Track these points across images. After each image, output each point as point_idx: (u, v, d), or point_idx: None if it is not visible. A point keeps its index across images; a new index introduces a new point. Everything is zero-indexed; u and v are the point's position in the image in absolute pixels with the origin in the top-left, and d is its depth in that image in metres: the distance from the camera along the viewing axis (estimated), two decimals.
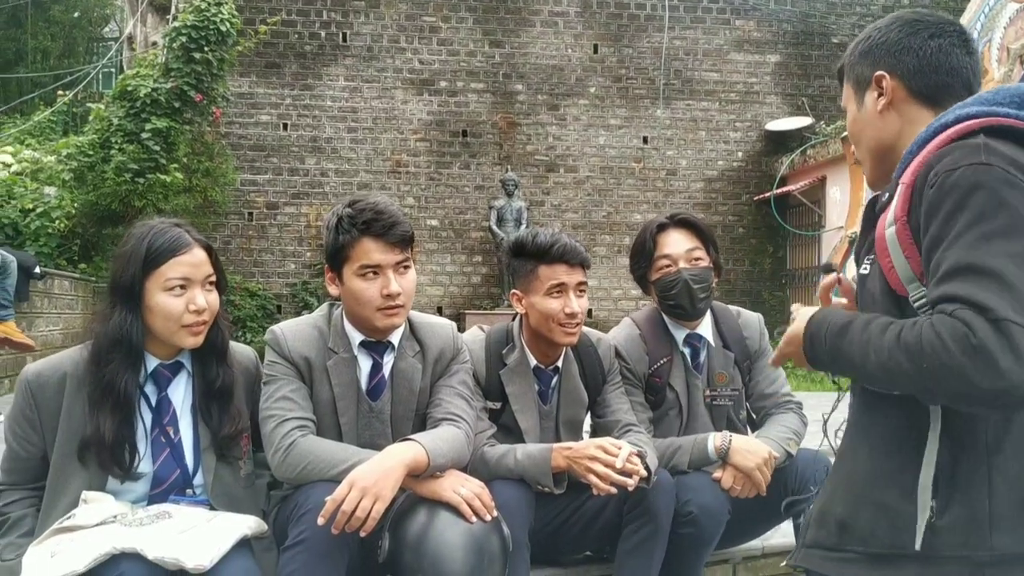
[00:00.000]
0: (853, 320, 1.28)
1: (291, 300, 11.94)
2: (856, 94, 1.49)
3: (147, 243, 1.98)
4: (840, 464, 1.42)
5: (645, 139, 12.94)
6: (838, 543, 1.33)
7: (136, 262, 1.97)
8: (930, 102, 1.41)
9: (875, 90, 1.44)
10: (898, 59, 1.42)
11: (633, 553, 2.30)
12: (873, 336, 1.23)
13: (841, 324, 1.29)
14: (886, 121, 1.43)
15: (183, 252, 1.99)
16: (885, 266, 1.30)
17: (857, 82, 1.48)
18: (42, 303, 7.60)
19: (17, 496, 2.03)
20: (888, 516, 1.27)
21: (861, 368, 1.25)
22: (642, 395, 2.61)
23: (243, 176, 11.77)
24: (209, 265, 2.04)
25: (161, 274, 1.97)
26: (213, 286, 2.06)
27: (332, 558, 1.93)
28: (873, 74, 1.43)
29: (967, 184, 1.19)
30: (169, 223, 2.06)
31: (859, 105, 1.48)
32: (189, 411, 2.08)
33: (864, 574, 1.29)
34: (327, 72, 12.19)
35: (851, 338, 1.26)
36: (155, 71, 10.03)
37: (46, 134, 12.67)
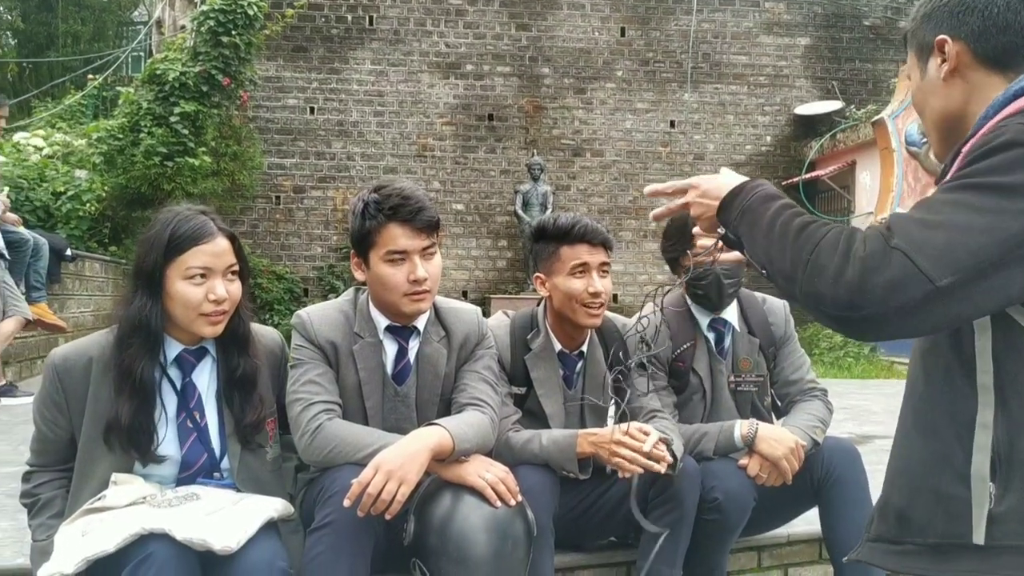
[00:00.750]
0: (786, 198, 1.31)
1: (318, 283, 12.02)
2: (919, 61, 1.38)
3: (170, 230, 1.98)
4: (895, 452, 1.35)
5: (672, 123, 12.85)
6: (898, 535, 1.28)
7: (158, 248, 1.97)
8: (998, 66, 1.29)
9: (938, 56, 1.33)
10: (961, 20, 1.30)
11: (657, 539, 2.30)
12: (788, 215, 1.25)
13: (774, 193, 1.33)
14: (951, 89, 1.32)
15: (205, 241, 1.98)
16: None
17: (920, 48, 1.37)
18: (73, 285, 7.70)
19: (47, 478, 2.06)
20: (942, 504, 1.22)
21: (756, 241, 1.28)
22: (666, 380, 2.60)
23: (270, 160, 11.84)
24: (232, 255, 2.03)
25: (182, 262, 1.96)
26: (236, 276, 2.05)
27: (358, 540, 1.94)
28: (935, 39, 1.32)
29: (1005, 140, 1.13)
30: (195, 210, 2.05)
31: (922, 73, 1.37)
32: (214, 396, 2.10)
33: (925, 567, 1.24)
34: (354, 56, 12.20)
35: (771, 207, 1.28)
36: (183, 55, 10.09)
37: (76, 118, 12.79)
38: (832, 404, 2.68)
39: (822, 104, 12.75)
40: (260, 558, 1.82)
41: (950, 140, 1.34)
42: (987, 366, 1.18)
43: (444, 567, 1.94)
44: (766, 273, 1.26)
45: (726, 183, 1.42)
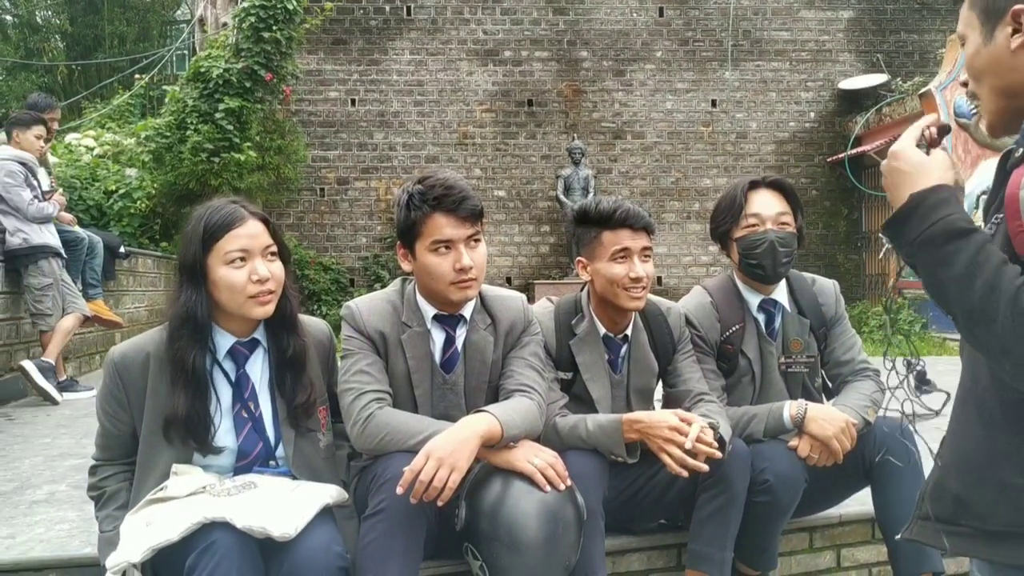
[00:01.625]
0: (975, 232, 1.16)
1: (363, 273, 12.14)
2: (984, 24, 1.30)
3: (204, 221, 2.04)
4: (953, 438, 1.33)
5: (713, 102, 12.70)
6: (953, 517, 1.28)
7: (196, 241, 2.03)
8: None
9: (1010, 24, 1.25)
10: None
11: (708, 521, 2.30)
12: (987, 267, 1.12)
13: (961, 228, 1.16)
14: (1019, 61, 1.25)
15: (238, 225, 2.03)
16: (1013, 229, 1.18)
17: (987, 11, 1.29)
18: (127, 281, 7.88)
19: (111, 471, 2.13)
20: (1009, 496, 1.21)
21: (947, 286, 1.16)
22: (714, 363, 2.59)
23: (314, 152, 11.97)
24: (267, 236, 2.08)
25: (220, 248, 2.02)
26: (275, 256, 2.09)
27: (411, 526, 1.98)
28: (1012, 6, 1.24)
29: None
30: (225, 201, 2.11)
31: (987, 38, 1.29)
32: (267, 386, 2.15)
33: (980, 550, 1.25)
34: (392, 46, 12.26)
35: (962, 248, 1.15)
36: (226, 52, 10.23)
37: (125, 117, 13.05)
38: (884, 383, 2.65)
39: (867, 78, 12.50)
40: (317, 543, 1.87)
41: (1006, 112, 1.31)
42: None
43: (496, 552, 1.97)
44: (954, 319, 1.19)
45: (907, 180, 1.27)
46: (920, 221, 1.21)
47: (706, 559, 2.31)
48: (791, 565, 2.78)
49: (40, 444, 4.12)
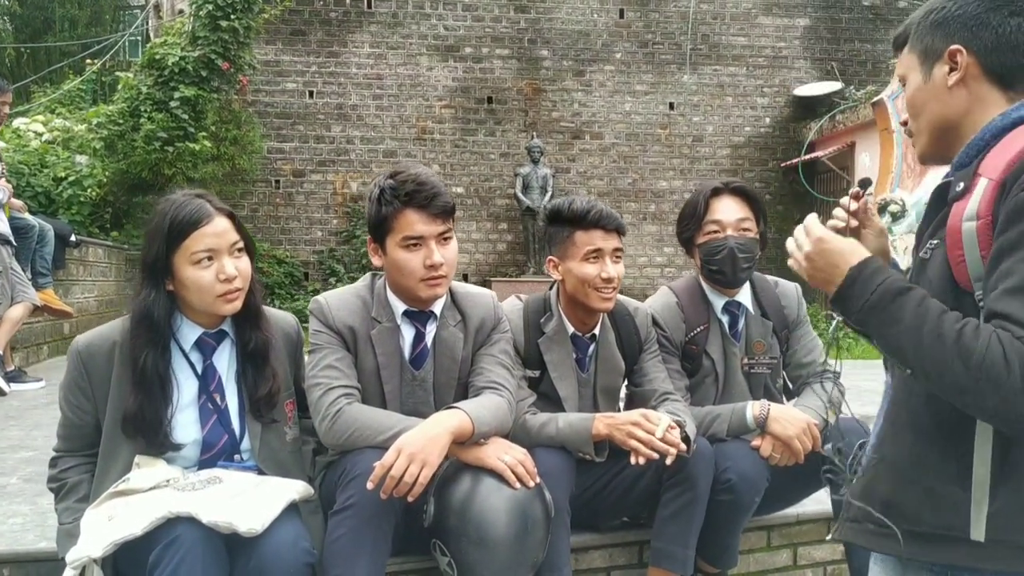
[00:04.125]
0: (911, 289, 1.26)
1: (318, 268, 12.02)
2: (923, 65, 1.42)
3: (169, 218, 1.99)
4: (882, 445, 1.40)
5: (671, 105, 12.82)
6: (882, 519, 1.34)
7: (160, 239, 1.99)
8: (1002, 83, 1.35)
9: (947, 64, 1.37)
10: (975, 34, 1.35)
11: (672, 519, 2.33)
12: (929, 318, 1.21)
13: (898, 288, 1.26)
14: (954, 97, 1.38)
15: (205, 223, 1.99)
16: (954, 259, 1.28)
17: (925, 52, 1.41)
18: (77, 271, 7.71)
19: (73, 462, 2.09)
20: (934, 500, 1.28)
21: (898, 342, 1.24)
22: (679, 363, 2.62)
23: (270, 144, 11.81)
24: (234, 232, 2.04)
25: (187, 248, 1.98)
26: (242, 252, 2.06)
27: (380, 522, 1.98)
28: (947, 48, 1.37)
29: None
30: (190, 195, 2.06)
31: (925, 77, 1.41)
32: (234, 378, 2.12)
33: (909, 551, 1.32)
34: (352, 39, 12.16)
35: (903, 306, 1.23)
36: (182, 39, 10.05)
37: (76, 103, 12.75)
38: (844, 386, 2.70)
39: (821, 85, 12.73)
40: (284, 539, 1.86)
41: (939, 143, 1.43)
42: None
43: (464, 548, 1.98)
44: (911, 372, 1.26)
45: (842, 259, 1.36)
46: (862, 290, 1.30)
47: (669, 556, 2.34)
48: (749, 563, 2.82)
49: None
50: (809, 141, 12.42)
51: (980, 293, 1.25)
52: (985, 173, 1.26)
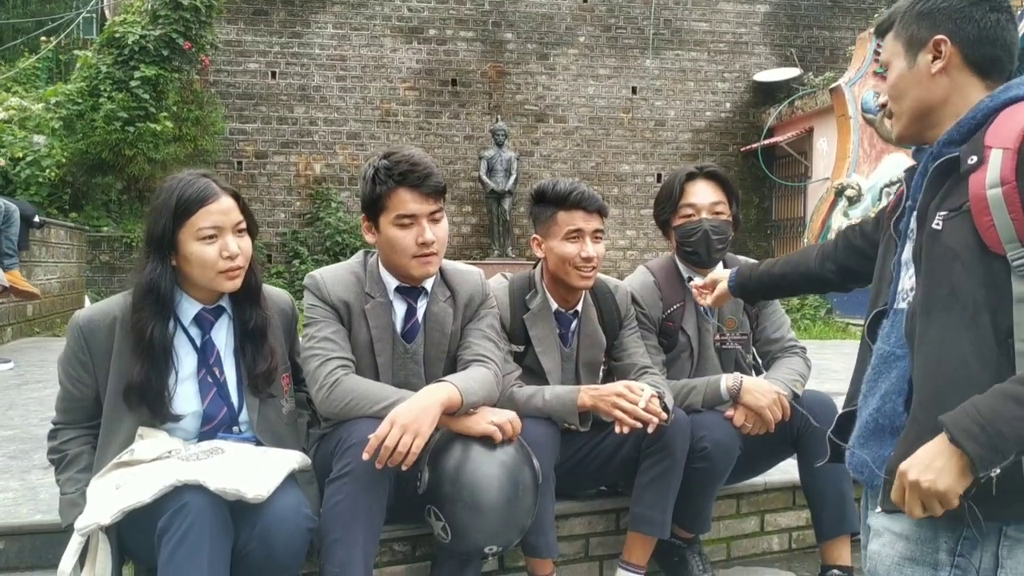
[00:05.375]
0: (999, 389, 1.28)
1: (281, 250, 11.98)
2: (907, 52, 1.52)
3: (177, 195, 2.05)
4: (925, 414, 1.39)
5: (634, 89, 12.97)
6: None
7: (167, 214, 2.04)
8: (981, 72, 1.47)
9: (931, 52, 1.48)
10: (959, 27, 1.46)
11: (651, 486, 2.45)
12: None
13: (998, 396, 1.27)
14: (936, 84, 1.49)
15: (212, 201, 2.05)
16: (983, 225, 1.35)
17: (910, 41, 1.52)
18: (40, 252, 7.62)
19: (73, 434, 2.14)
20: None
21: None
22: (656, 339, 2.73)
23: (232, 125, 11.73)
24: (238, 212, 2.11)
25: (193, 224, 2.04)
26: (244, 232, 2.13)
27: (375, 489, 2.06)
28: (932, 37, 1.48)
29: None
30: (196, 174, 2.12)
31: (910, 64, 1.52)
32: (232, 353, 2.18)
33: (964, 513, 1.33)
34: (315, 19, 12.09)
35: (1020, 398, 1.25)
36: (142, 18, 9.94)
37: (31, 81, 12.53)
38: (810, 360, 2.84)
39: (780, 71, 12.96)
40: (287, 505, 1.93)
41: (918, 126, 1.53)
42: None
43: (459, 512, 2.07)
44: None
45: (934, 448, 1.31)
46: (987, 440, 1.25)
47: (648, 521, 2.46)
48: (719, 529, 2.96)
49: None
50: (768, 126, 12.65)
51: (1013, 254, 1.32)
52: (996, 144, 1.35)
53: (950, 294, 1.38)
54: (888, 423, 1.50)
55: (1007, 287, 1.33)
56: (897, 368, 1.50)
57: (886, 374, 1.52)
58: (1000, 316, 1.34)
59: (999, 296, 1.34)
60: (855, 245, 1.98)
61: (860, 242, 1.96)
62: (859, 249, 1.96)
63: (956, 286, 1.37)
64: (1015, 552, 1.36)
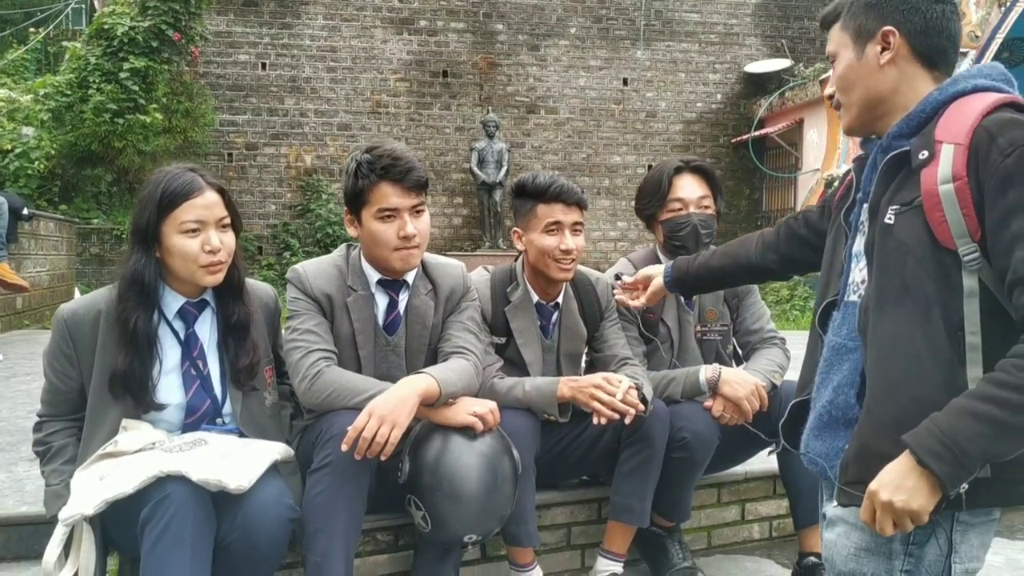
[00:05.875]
0: (957, 404, 1.29)
1: (272, 242, 11.98)
2: (855, 43, 1.53)
3: (162, 188, 2.07)
4: (878, 408, 1.41)
5: (625, 81, 12.98)
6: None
7: (151, 206, 2.06)
8: (927, 63, 1.48)
9: (879, 44, 1.49)
10: (906, 17, 1.47)
11: (630, 475, 2.48)
12: (996, 392, 1.26)
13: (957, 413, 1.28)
14: (885, 75, 1.49)
15: (196, 195, 2.07)
16: (935, 220, 1.36)
17: (858, 32, 1.52)
18: (29, 245, 7.62)
19: (58, 426, 2.16)
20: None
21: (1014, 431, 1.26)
22: (637, 330, 2.76)
23: (222, 117, 11.72)
24: (223, 207, 2.13)
25: (176, 217, 2.06)
26: (228, 228, 2.15)
27: (355, 479, 2.09)
28: (880, 28, 1.48)
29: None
30: (184, 168, 2.14)
31: (858, 55, 1.52)
32: (215, 346, 2.21)
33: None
34: (305, 10, 12.06)
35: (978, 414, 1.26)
36: (132, 9, 9.91)
37: (20, 73, 12.48)
38: (789, 352, 2.87)
39: (771, 62, 12.99)
40: (269, 496, 1.96)
41: (867, 117, 1.54)
42: (975, 327, 1.34)
43: (438, 502, 2.10)
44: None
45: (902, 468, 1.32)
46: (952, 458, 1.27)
47: (628, 510, 2.49)
48: (700, 518, 3.00)
49: None
50: (759, 117, 12.68)
51: (964, 249, 1.34)
52: (947, 139, 1.37)
53: (902, 288, 1.40)
54: (841, 415, 1.52)
55: (958, 282, 1.35)
56: (849, 360, 1.52)
57: (838, 366, 1.54)
58: (951, 310, 1.36)
59: (950, 290, 1.36)
60: (799, 234, 1.96)
61: (805, 231, 1.95)
62: (804, 238, 1.95)
63: (908, 280, 1.39)
64: (967, 536, 1.40)
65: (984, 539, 1.42)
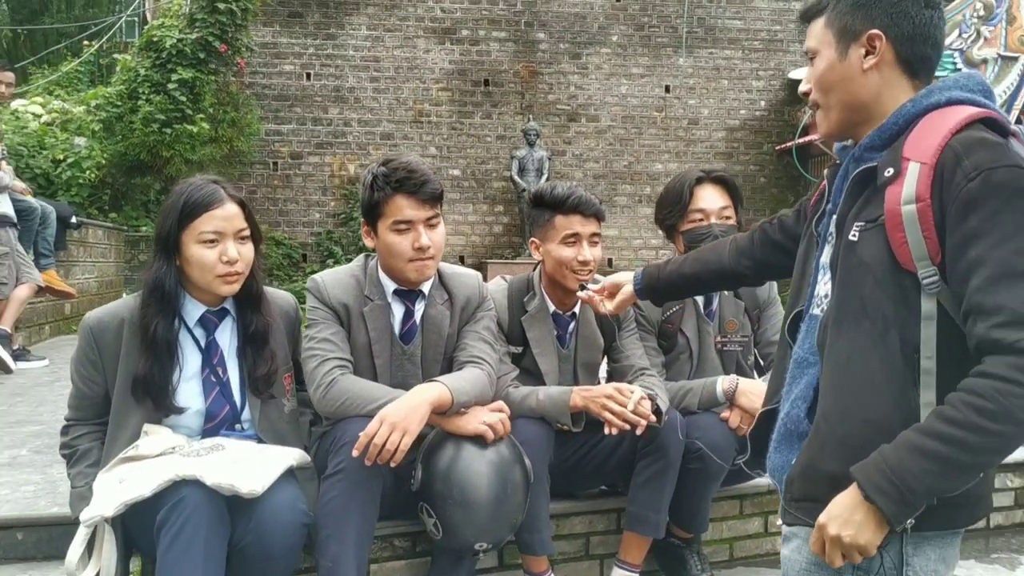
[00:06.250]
0: (905, 439, 1.27)
1: (316, 249, 12.14)
2: (839, 43, 1.45)
3: (184, 198, 2.14)
4: (827, 421, 1.41)
5: (667, 88, 12.91)
6: (832, 495, 1.35)
7: (173, 216, 2.14)
8: (910, 71, 1.42)
9: (864, 47, 1.42)
10: (895, 22, 1.40)
11: (645, 486, 2.48)
12: (944, 429, 1.23)
13: (900, 454, 1.26)
14: (867, 80, 1.42)
15: (216, 206, 2.14)
16: (896, 241, 1.32)
17: (842, 32, 1.44)
18: (78, 252, 7.83)
19: (84, 430, 2.24)
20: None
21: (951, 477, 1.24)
22: (655, 340, 2.76)
23: (268, 126, 11.90)
24: (242, 219, 2.19)
25: (195, 227, 2.13)
26: (247, 239, 2.21)
27: (368, 485, 2.13)
28: (867, 31, 1.41)
29: (1012, 188, 1.24)
30: (207, 179, 2.21)
31: (840, 56, 1.44)
32: (235, 354, 2.27)
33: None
34: (349, 21, 12.22)
35: (926, 451, 1.24)
36: (180, 21, 10.13)
37: (74, 85, 12.82)
38: None
39: None
40: (282, 501, 2.01)
41: (847, 122, 1.47)
42: (931, 352, 1.31)
43: (449, 509, 2.13)
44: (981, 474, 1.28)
45: (849, 501, 1.31)
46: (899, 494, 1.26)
47: (643, 521, 2.49)
48: (722, 530, 2.98)
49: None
50: (803, 124, 12.52)
51: (924, 272, 1.30)
52: (914, 157, 1.32)
53: (860, 308, 1.37)
54: (795, 428, 1.51)
55: (916, 304, 1.32)
56: (807, 375, 1.50)
57: (799, 379, 1.52)
58: (908, 332, 1.32)
59: (908, 313, 1.32)
60: (774, 240, 1.90)
61: (779, 236, 1.89)
62: (778, 244, 1.89)
63: (867, 300, 1.36)
64: (922, 549, 1.37)
65: (944, 553, 1.39)
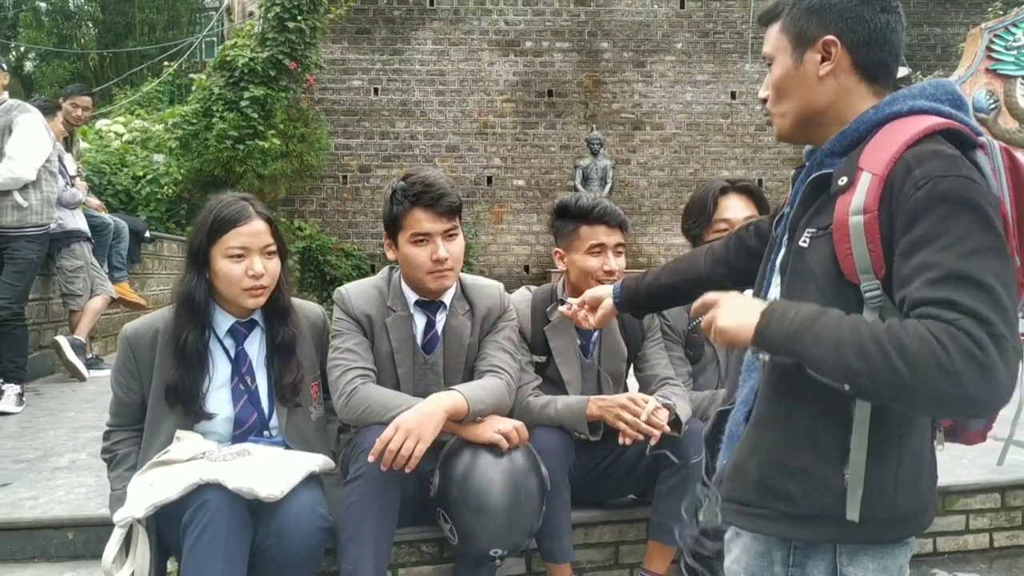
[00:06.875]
0: (826, 310, 1.26)
1: (384, 260, 12.34)
2: (794, 49, 1.42)
3: (214, 214, 2.25)
4: (758, 430, 1.41)
5: (733, 94, 12.77)
6: (755, 501, 1.37)
7: (204, 231, 2.25)
8: (868, 77, 1.39)
9: (820, 53, 1.39)
10: (850, 27, 1.37)
11: (668, 495, 2.48)
12: (848, 328, 1.21)
13: (816, 310, 1.25)
14: (824, 86, 1.40)
15: (244, 223, 2.24)
16: (842, 252, 1.30)
17: (798, 37, 1.41)
18: (153, 265, 8.16)
19: (123, 436, 2.36)
20: (808, 482, 1.33)
21: (831, 356, 1.21)
22: (682, 350, 2.76)
23: (336, 141, 12.18)
24: (268, 235, 2.29)
25: (224, 242, 2.23)
26: (274, 255, 2.31)
27: (386, 490, 2.20)
28: (822, 37, 1.38)
29: (960, 196, 1.21)
30: (237, 196, 2.32)
31: (796, 62, 1.42)
32: (264, 363, 2.36)
33: (782, 531, 1.37)
34: (415, 36, 12.44)
35: (827, 323, 1.23)
36: (252, 41, 10.47)
37: (154, 104, 13.37)
38: None
39: None
40: (302, 505, 2.09)
41: (803, 128, 1.45)
42: None
43: (465, 516, 2.18)
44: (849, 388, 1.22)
45: (752, 304, 1.35)
46: (781, 320, 1.27)
47: (666, 530, 2.49)
48: None
49: (65, 417, 4.39)
50: None
51: (866, 285, 1.27)
52: (867, 167, 1.29)
53: None
54: (735, 431, 1.51)
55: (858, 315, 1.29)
56: (752, 379, 1.49)
57: (745, 383, 1.52)
58: None
59: None
60: (749, 246, 1.87)
61: (754, 242, 1.85)
62: (752, 250, 1.85)
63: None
64: (858, 558, 1.35)
65: (885, 563, 1.36)
